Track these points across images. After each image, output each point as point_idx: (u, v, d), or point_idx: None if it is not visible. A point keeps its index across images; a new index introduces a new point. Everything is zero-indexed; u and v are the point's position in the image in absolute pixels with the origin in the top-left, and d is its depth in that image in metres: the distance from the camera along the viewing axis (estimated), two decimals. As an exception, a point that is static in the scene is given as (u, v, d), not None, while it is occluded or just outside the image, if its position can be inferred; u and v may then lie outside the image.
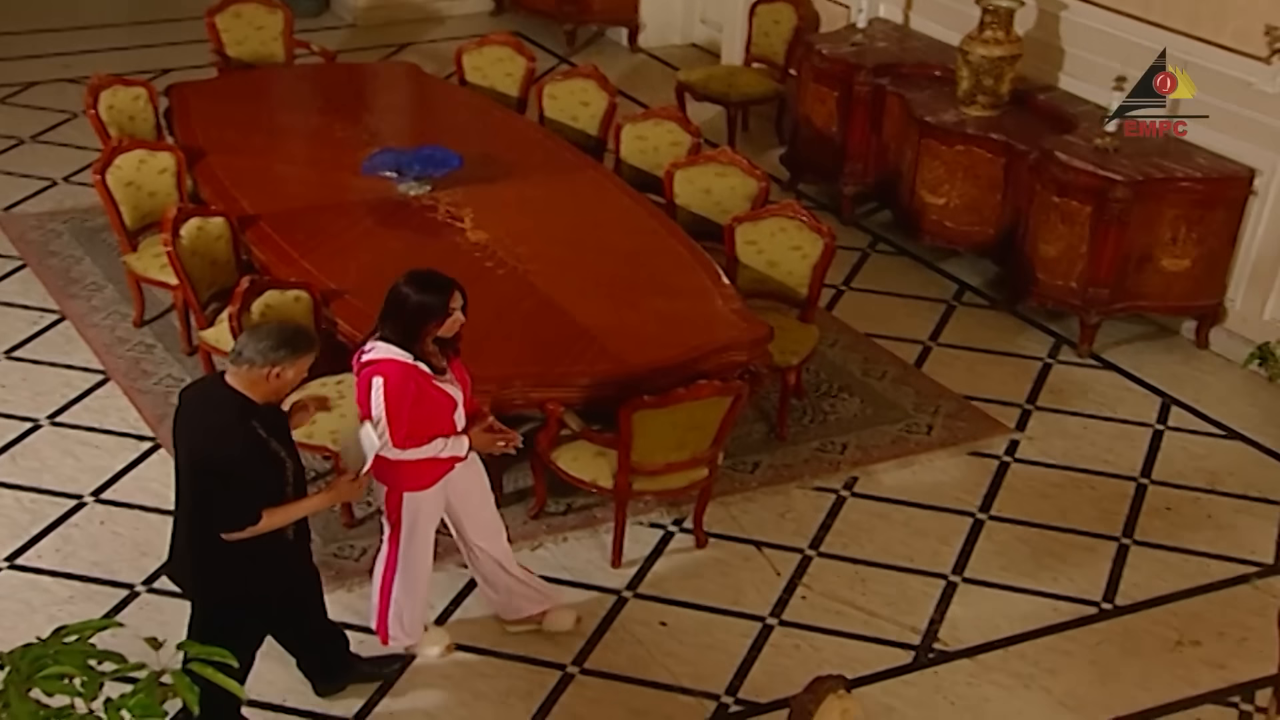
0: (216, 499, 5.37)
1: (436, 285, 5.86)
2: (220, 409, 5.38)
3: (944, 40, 10.15)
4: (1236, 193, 8.59)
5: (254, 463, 5.37)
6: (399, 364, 5.76)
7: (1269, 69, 8.36)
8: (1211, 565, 7.09)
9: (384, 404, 5.73)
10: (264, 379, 5.38)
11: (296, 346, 5.41)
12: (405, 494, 6.03)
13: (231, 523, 5.37)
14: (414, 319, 5.79)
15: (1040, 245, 8.84)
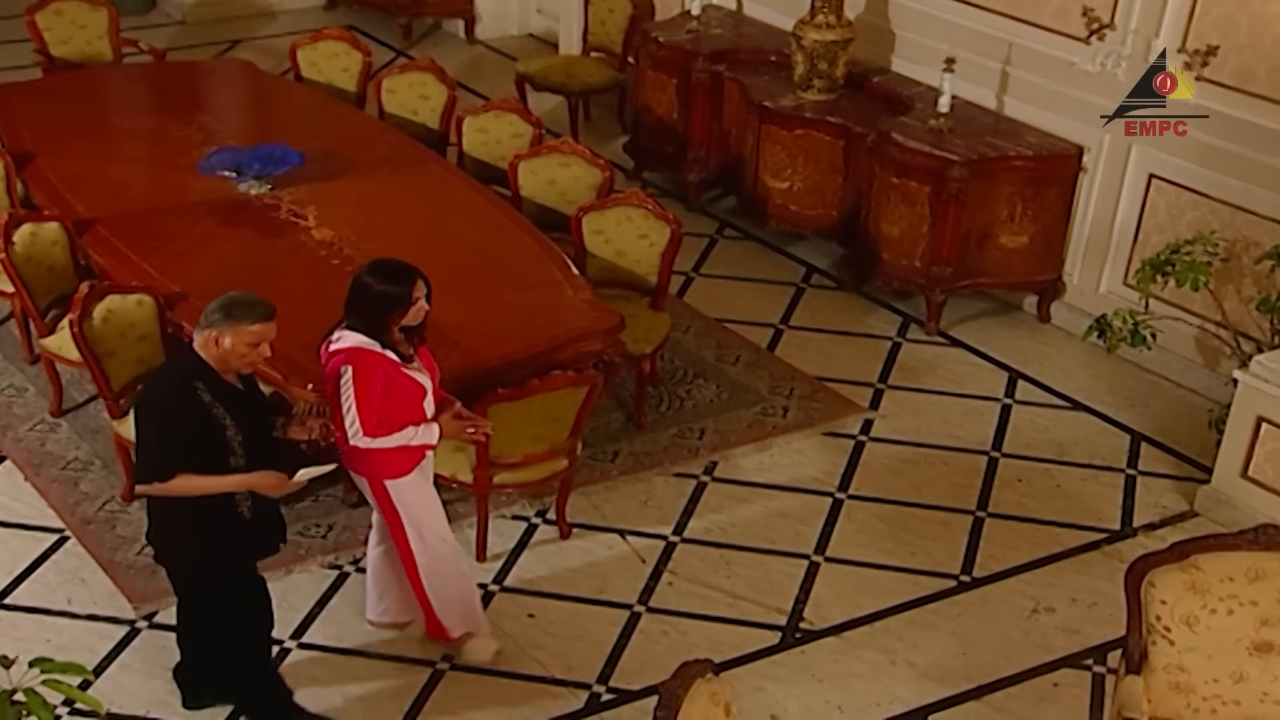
0: (138, 447, 5.43)
1: (399, 274, 5.89)
2: (170, 368, 5.51)
3: (777, 26, 10.25)
4: (1067, 170, 8.81)
5: (181, 421, 5.34)
6: (367, 352, 5.79)
7: (1089, 49, 8.60)
8: (1062, 534, 7.27)
9: (353, 392, 5.76)
10: (210, 343, 5.37)
11: (238, 316, 5.37)
12: (385, 482, 6.02)
13: (142, 473, 5.42)
14: (378, 308, 5.82)
15: (883, 226, 8.99)
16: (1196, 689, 5.42)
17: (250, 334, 5.41)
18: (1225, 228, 8.06)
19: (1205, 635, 5.35)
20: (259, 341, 5.44)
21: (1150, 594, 5.38)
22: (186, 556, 5.67)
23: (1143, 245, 8.49)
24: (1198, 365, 8.37)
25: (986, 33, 9.10)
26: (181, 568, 5.74)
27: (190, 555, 5.65)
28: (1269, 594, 5.28)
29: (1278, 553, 5.28)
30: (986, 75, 9.13)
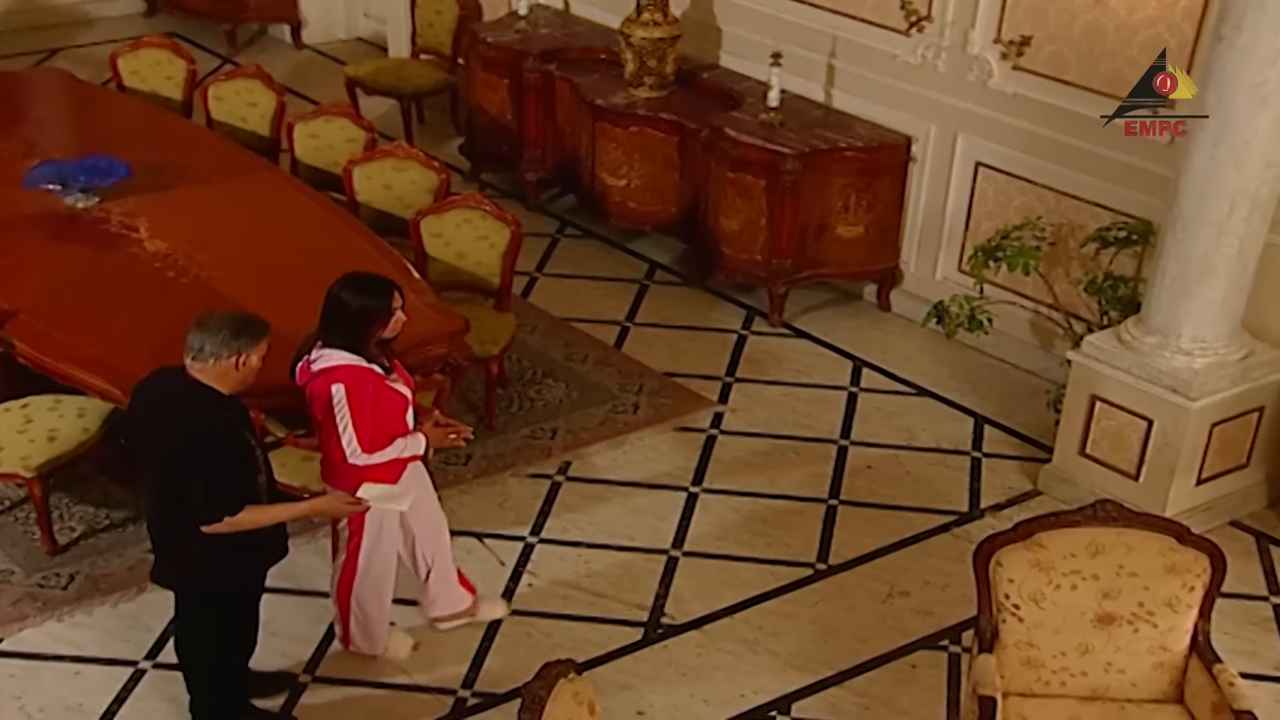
0: (198, 490, 5.37)
1: (375, 287, 5.88)
2: (193, 402, 5.40)
3: (605, 24, 10.31)
4: (897, 160, 8.97)
5: (230, 453, 5.41)
6: (355, 368, 5.76)
7: (909, 41, 8.79)
8: (913, 518, 7.41)
9: (348, 410, 5.72)
10: (233, 368, 5.41)
11: (254, 331, 5.46)
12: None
13: (212, 513, 5.39)
14: (357, 323, 5.78)
15: (721, 220, 9.06)
16: (1046, 663, 5.57)
17: (264, 347, 5.50)
18: (1051, 212, 8.28)
19: (1052, 611, 5.50)
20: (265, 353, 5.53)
21: (998, 573, 5.53)
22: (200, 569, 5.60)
23: (974, 232, 8.68)
24: (1034, 347, 8.59)
25: (811, 27, 9.23)
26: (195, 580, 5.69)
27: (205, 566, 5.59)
28: (1109, 567, 5.46)
29: (1116, 527, 5.46)
30: (814, 69, 9.26)
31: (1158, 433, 7.07)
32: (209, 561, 5.53)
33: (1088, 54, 7.96)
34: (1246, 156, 6.61)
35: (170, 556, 5.65)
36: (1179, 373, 6.98)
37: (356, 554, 6.12)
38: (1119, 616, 5.48)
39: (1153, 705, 5.56)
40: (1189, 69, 7.48)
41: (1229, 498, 7.37)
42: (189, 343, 5.43)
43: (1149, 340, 7.10)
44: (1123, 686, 5.57)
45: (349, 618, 6.30)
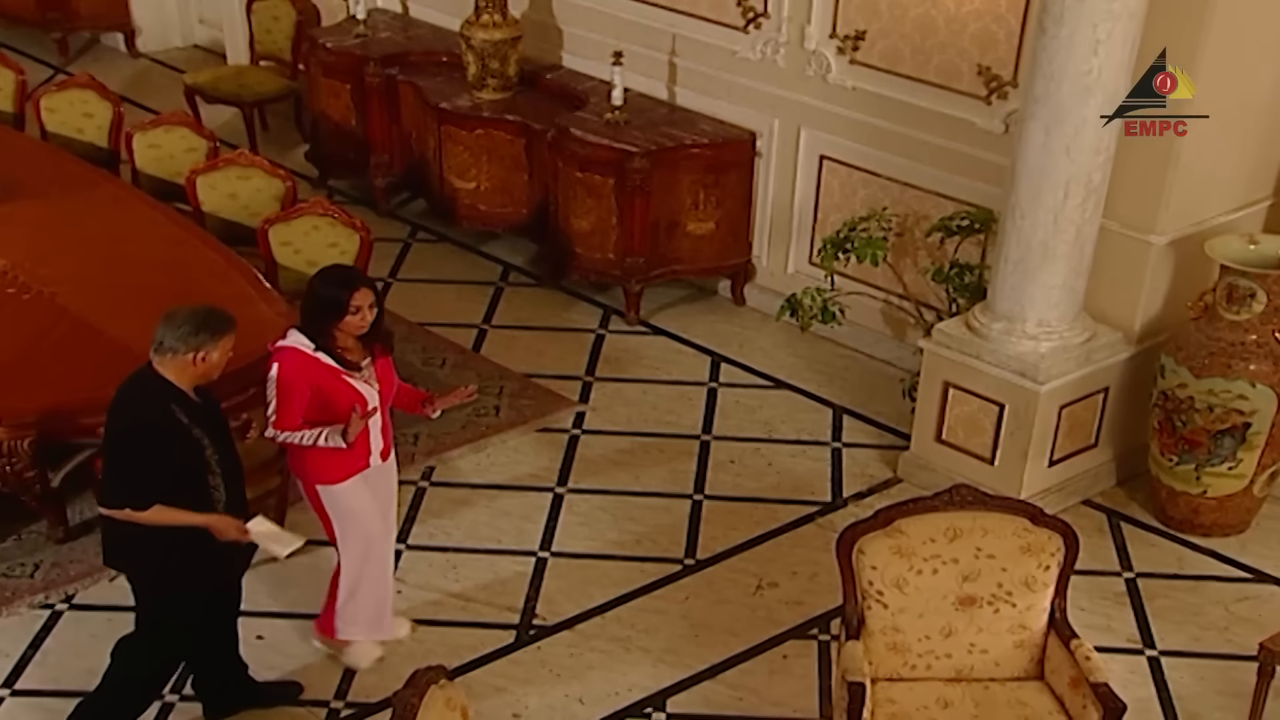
0: (113, 473, 5.42)
1: (338, 281, 5.92)
2: (141, 391, 5.42)
3: (445, 26, 10.27)
4: (743, 155, 9.07)
5: (163, 448, 5.37)
6: (297, 353, 5.86)
7: (748, 37, 8.89)
8: (778, 510, 7.50)
9: (275, 388, 5.85)
10: (190, 364, 5.40)
11: (216, 328, 5.44)
12: (316, 486, 6.07)
13: (118, 498, 5.41)
14: (314, 314, 5.89)
15: (573, 220, 9.09)
16: (911, 647, 5.69)
17: (228, 344, 5.49)
18: (895, 203, 8.44)
19: (914, 596, 5.63)
20: (230, 348, 5.52)
21: (861, 561, 5.64)
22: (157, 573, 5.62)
23: (823, 224, 8.81)
24: (887, 337, 8.75)
25: (651, 25, 9.29)
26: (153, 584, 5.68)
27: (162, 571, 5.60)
28: (967, 551, 5.59)
29: (971, 511, 5.60)
30: (655, 67, 9.32)
31: (1009, 417, 7.24)
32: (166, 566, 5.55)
33: (921, 47, 8.13)
34: (1077, 143, 6.80)
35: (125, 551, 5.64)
36: (1026, 357, 7.15)
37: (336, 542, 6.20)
38: (979, 598, 5.62)
39: (1015, 683, 5.70)
40: (1017, 60, 7.73)
41: (1080, 477, 7.57)
42: (155, 335, 5.43)
43: (996, 326, 7.27)
44: (986, 666, 5.71)
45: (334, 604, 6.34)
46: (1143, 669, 6.54)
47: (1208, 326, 7.05)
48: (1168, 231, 7.27)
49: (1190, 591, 7.02)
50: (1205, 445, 7.07)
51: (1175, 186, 7.16)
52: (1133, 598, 6.97)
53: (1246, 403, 6.93)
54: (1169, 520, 7.42)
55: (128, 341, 6.93)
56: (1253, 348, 6.94)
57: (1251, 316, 6.94)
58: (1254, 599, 6.95)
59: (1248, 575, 7.12)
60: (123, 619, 6.21)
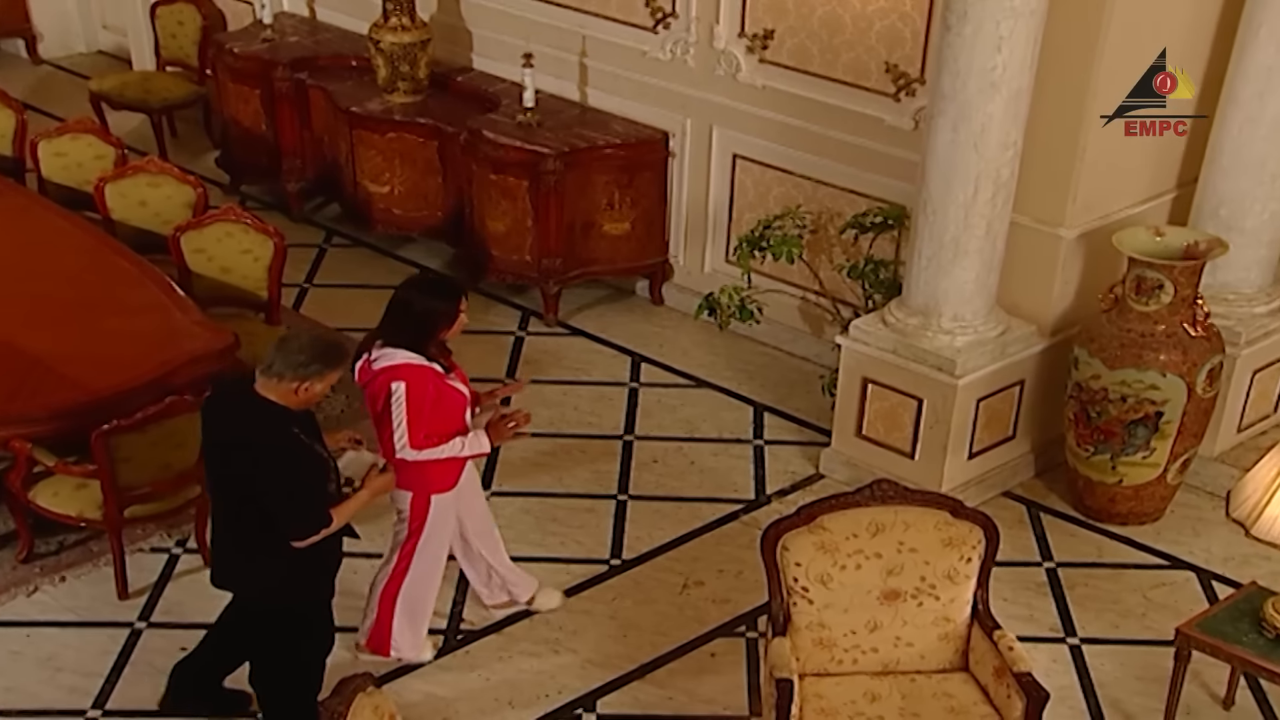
0: (285, 509, 5.41)
1: (445, 290, 6.08)
2: (261, 419, 5.40)
3: (354, 30, 10.23)
4: (657, 155, 9.10)
5: (306, 466, 5.44)
6: (417, 367, 5.91)
7: (657, 37, 8.93)
8: (702, 508, 7.53)
9: (405, 407, 5.87)
10: (293, 392, 5.41)
11: (328, 361, 5.45)
12: (432, 497, 6.15)
13: (306, 529, 5.45)
14: (423, 324, 5.95)
15: (488, 223, 9.08)
16: (838, 642, 5.74)
17: (334, 378, 5.51)
18: (809, 201, 8.51)
19: (839, 591, 5.68)
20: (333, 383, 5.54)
21: (785, 558, 5.68)
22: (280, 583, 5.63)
23: (738, 223, 8.88)
24: (805, 334, 8.81)
25: (560, 26, 9.31)
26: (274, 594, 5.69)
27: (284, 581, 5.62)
28: (890, 545, 5.65)
29: (893, 505, 5.67)
30: (566, 68, 9.35)
31: (928, 411, 7.33)
32: (294, 575, 5.59)
33: (829, 45, 8.20)
34: (984, 139, 6.89)
35: (249, 574, 5.66)
36: (942, 351, 7.24)
37: (410, 555, 6.22)
38: (903, 592, 5.69)
39: (941, 675, 5.78)
40: (924, 57, 7.83)
41: (999, 470, 7.68)
42: (266, 356, 5.45)
43: (912, 321, 7.35)
44: (912, 659, 5.78)
45: (391, 620, 6.37)
46: (1065, 657, 6.64)
47: (1118, 318, 7.17)
48: (1076, 225, 7.39)
49: (1109, 579, 7.14)
50: (1119, 435, 7.19)
51: (1082, 181, 7.28)
52: (1053, 587, 7.08)
53: (1158, 392, 7.06)
54: (1087, 510, 7.54)
55: (39, 354, 6.86)
56: (1162, 338, 7.06)
57: (1160, 307, 7.05)
58: (1170, 585, 7.09)
59: (1164, 562, 7.26)
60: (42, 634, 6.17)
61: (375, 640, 6.41)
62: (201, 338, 7.09)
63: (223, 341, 7.11)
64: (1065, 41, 6.96)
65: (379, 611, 6.35)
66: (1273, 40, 7.14)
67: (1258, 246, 7.56)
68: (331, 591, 5.84)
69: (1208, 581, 7.08)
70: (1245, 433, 7.80)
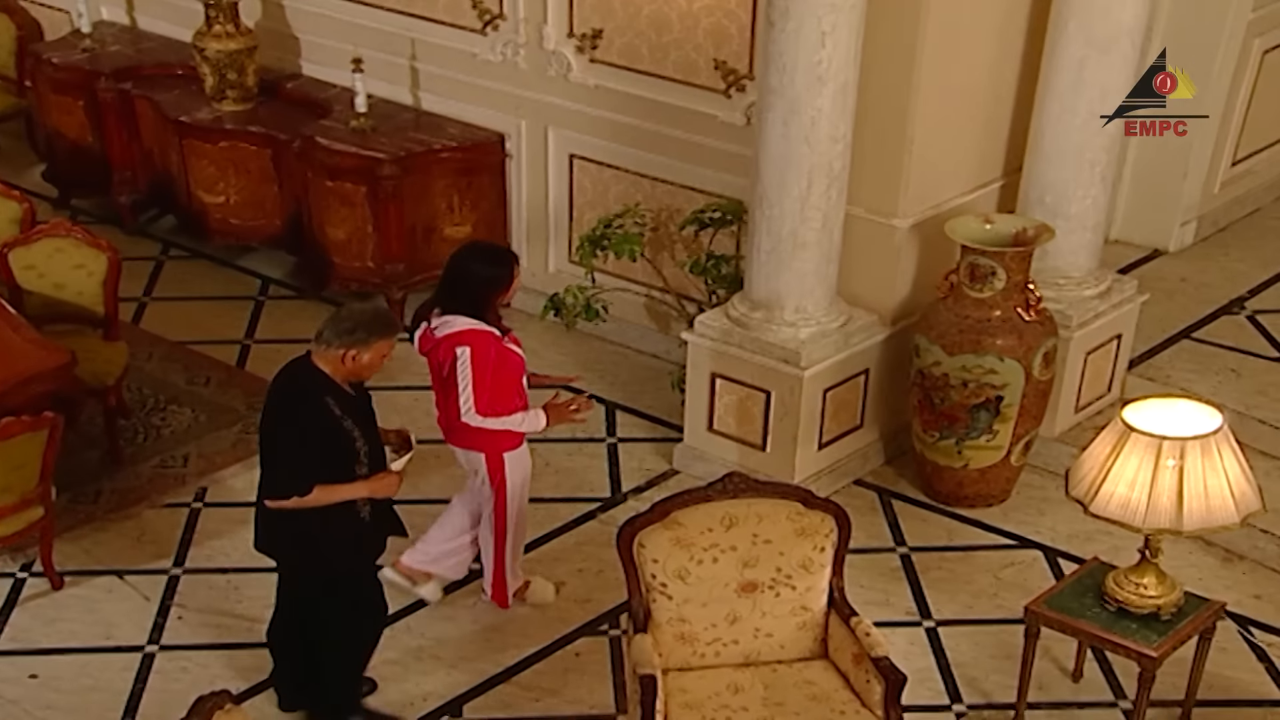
0: (272, 463, 5.62)
1: (501, 257, 6.42)
2: (297, 383, 5.62)
3: (177, 38, 10.07)
4: (493, 158, 9.12)
5: (317, 436, 5.54)
6: (479, 332, 6.21)
7: (486, 39, 8.94)
8: (559, 508, 7.58)
9: (470, 371, 6.16)
10: (339, 360, 5.57)
11: (373, 329, 5.61)
12: (504, 454, 6.46)
13: (277, 490, 5.60)
14: (482, 290, 6.24)
15: (328, 230, 9.02)
16: (699, 636, 5.83)
17: (387, 347, 5.67)
18: (648, 199, 8.59)
19: (697, 585, 5.77)
20: (389, 352, 5.69)
21: (642, 554, 5.76)
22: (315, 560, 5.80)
23: (579, 223, 8.92)
24: (652, 331, 8.89)
25: (388, 31, 9.28)
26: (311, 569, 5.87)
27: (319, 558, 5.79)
28: (745, 537, 5.76)
29: (745, 498, 5.77)
30: (397, 72, 9.32)
31: (776, 403, 7.44)
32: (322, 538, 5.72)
33: (657, 44, 8.28)
34: (815, 133, 7.03)
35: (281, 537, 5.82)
36: (787, 344, 7.36)
37: (504, 513, 6.56)
38: (760, 583, 5.79)
39: (802, 663, 5.89)
40: (751, 53, 7.93)
41: (850, 458, 7.83)
42: (320, 325, 5.68)
43: (755, 315, 7.46)
44: (772, 649, 5.89)
45: (504, 568, 6.71)
46: (922, 640, 6.80)
47: (955, 305, 7.35)
48: (910, 215, 7.56)
49: (960, 562, 7.32)
50: (963, 420, 7.39)
51: (912, 171, 7.45)
52: (908, 572, 7.25)
53: (997, 376, 7.26)
54: (936, 494, 7.73)
55: None
56: (998, 323, 7.26)
57: (994, 293, 7.25)
58: (1019, 564, 7.29)
59: (1012, 542, 7.46)
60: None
61: (497, 594, 6.79)
62: (35, 356, 6.97)
63: (58, 360, 7.00)
64: (887, 35, 7.13)
65: (495, 569, 6.73)
66: (1081, 33, 7.38)
67: (1083, 231, 7.79)
68: (364, 569, 5.98)
69: (1054, 559, 7.30)
70: (1082, 413, 8.04)
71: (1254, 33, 9.00)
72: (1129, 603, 5.97)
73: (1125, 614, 5.97)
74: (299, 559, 5.87)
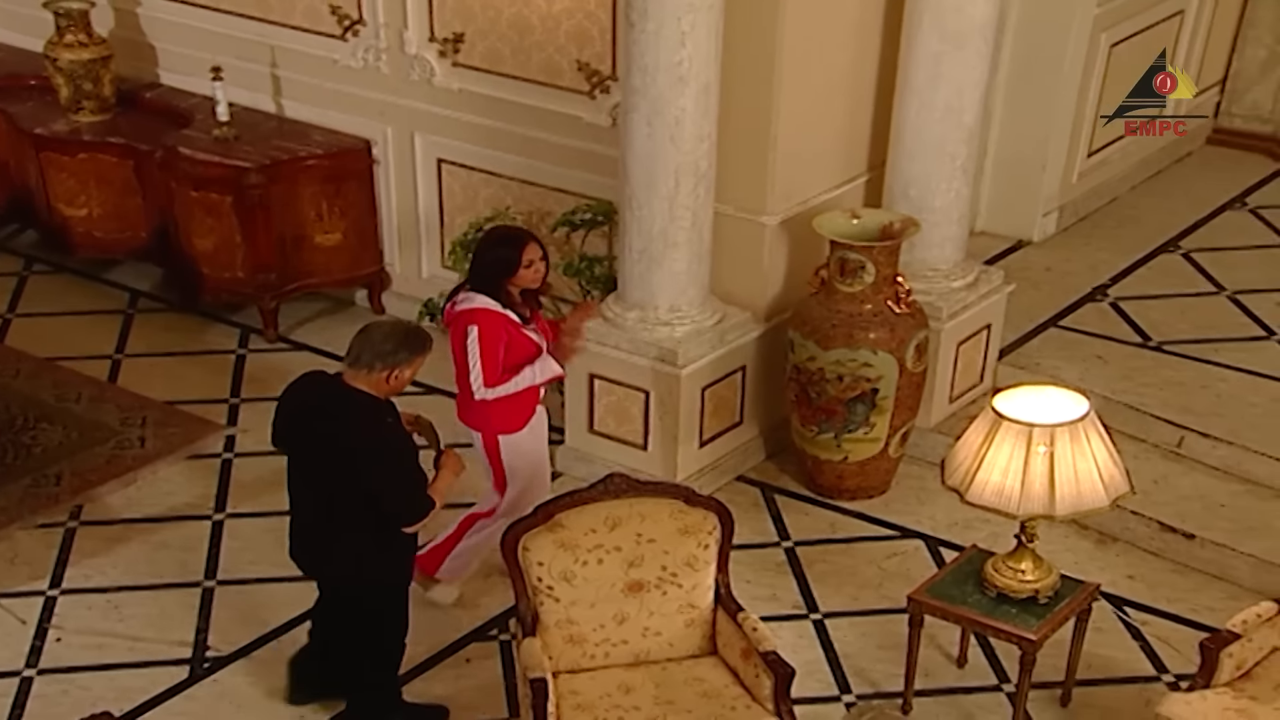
0: (398, 499, 5.67)
1: (509, 239, 6.43)
2: (362, 410, 5.63)
3: (27, 48, 9.85)
4: (361, 164, 9.06)
5: (408, 454, 5.71)
6: (490, 312, 6.30)
7: (347, 45, 8.89)
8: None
9: (478, 348, 6.26)
10: (383, 380, 5.63)
11: (414, 347, 5.67)
12: (500, 437, 6.51)
13: (418, 514, 5.71)
14: (490, 272, 6.33)
15: (195, 241, 8.90)
16: (588, 637, 5.86)
17: (420, 363, 5.73)
18: (519, 202, 8.58)
19: (584, 587, 5.80)
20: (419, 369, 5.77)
21: (527, 558, 5.78)
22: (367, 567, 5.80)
23: (450, 227, 8.90)
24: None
25: (246, 38, 9.18)
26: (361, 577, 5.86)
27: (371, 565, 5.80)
28: (629, 537, 5.80)
29: (627, 498, 5.82)
30: (258, 80, 9.22)
31: (655, 402, 7.50)
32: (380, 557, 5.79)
33: (520, 46, 8.29)
34: (680, 132, 7.08)
35: (337, 556, 5.82)
36: (663, 343, 7.41)
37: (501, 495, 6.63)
38: (646, 582, 5.83)
39: (691, 661, 5.93)
40: (613, 54, 7.96)
41: (731, 455, 7.89)
42: (350, 348, 5.70)
43: (630, 315, 7.51)
44: (661, 648, 5.93)
45: (453, 546, 6.73)
46: (809, 633, 6.88)
47: (827, 300, 7.45)
48: (777, 212, 7.65)
49: (844, 554, 7.41)
50: (840, 413, 7.48)
51: (778, 168, 7.54)
52: (793, 565, 7.32)
53: (872, 369, 7.37)
54: (818, 488, 7.82)
55: None
56: (870, 317, 7.37)
57: (864, 288, 7.36)
58: (901, 554, 7.41)
59: (894, 533, 7.58)
60: None
61: (428, 561, 6.66)
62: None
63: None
64: (747, 35, 7.22)
65: (449, 539, 6.67)
66: (935, 30, 7.52)
67: (948, 224, 7.93)
68: (411, 575, 6.09)
69: (935, 548, 7.42)
70: (957, 403, 8.18)
71: (1100, 27, 9.24)
72: (1008, 588, 6.10)
73: (1005, 599, 6.10)
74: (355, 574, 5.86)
